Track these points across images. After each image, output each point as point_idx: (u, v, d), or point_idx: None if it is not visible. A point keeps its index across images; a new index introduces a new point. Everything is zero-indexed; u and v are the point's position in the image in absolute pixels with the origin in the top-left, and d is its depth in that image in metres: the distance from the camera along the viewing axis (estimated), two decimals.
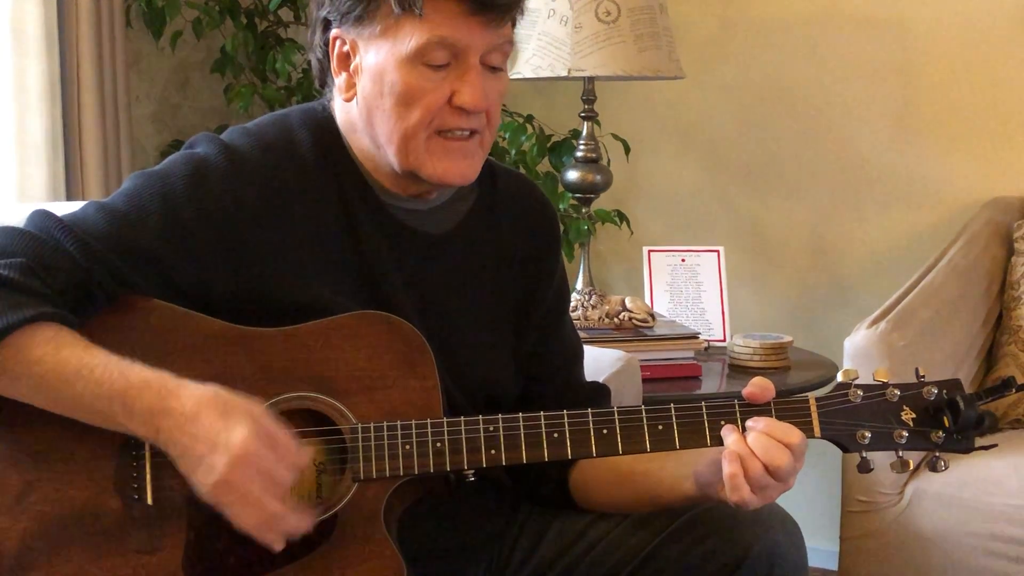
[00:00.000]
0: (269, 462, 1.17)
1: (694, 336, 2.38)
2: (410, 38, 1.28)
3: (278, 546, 1.19)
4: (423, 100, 1.29)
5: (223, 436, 1.16)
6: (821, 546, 2.58)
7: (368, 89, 1.32)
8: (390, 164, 1.34)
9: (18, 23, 2.29)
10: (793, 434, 1.23)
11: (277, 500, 1.17)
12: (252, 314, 1.29)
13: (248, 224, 1.30)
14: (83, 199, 2.35)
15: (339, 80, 1.36)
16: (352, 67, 1.34)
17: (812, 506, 2.63)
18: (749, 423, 1.25)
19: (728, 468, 1.22)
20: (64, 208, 1.33)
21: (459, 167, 1.33)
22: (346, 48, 1.34)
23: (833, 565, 2.39)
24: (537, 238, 1.50)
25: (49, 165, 2.35)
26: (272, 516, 1.17)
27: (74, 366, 1.19)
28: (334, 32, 1.34)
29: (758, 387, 1.27)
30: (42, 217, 1.29)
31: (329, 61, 1.37)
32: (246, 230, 1.30)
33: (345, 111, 1.38)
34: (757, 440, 1.22)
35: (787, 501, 1.39)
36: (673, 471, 1.34)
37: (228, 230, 1.30)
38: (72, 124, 2.40)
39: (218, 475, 1.16)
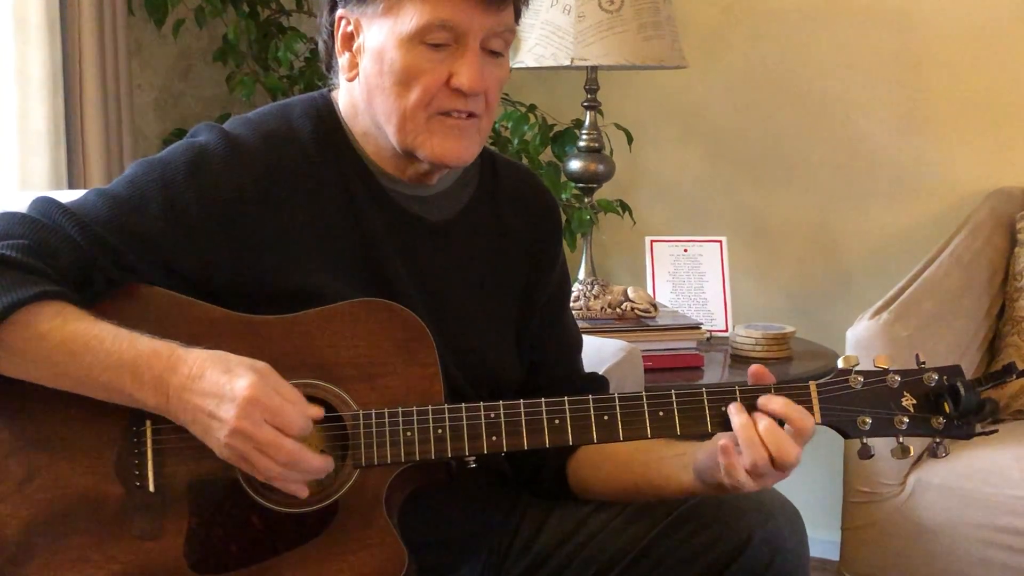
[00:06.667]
0: (276, 404, 1.17)
1: (696, 326, 2.38)
2: (411, 17, 1.28)
3: (303, 492, 1.20)
4: (421, 80, 1.29)
5: (228, 387, 1.17)
6: (822, 536, 2.58)
7: (369, 68, 1.33)
8: (390, 145, 1.35)
9: (20, 11, 2.29)
10: (807, 418, 1.23)
11: (291, 441, 1.17)
12: (253, 301, 1.30)
13: (249, 211, 1.30)
14: (85, 187, 2.35)
15: (342, 60, 1.36)
16: (355, 47, 1.35)
17: (814, 496, 2.63)
18: (762, 400, 1.24)
19: (723, 460, 1.22)
20: (66, 196, 1.33)
21: (456, 147, 1.33)
22: (350, 28, 1.35)
23: (834, 555, 2.39)
24: (538, 227, 1.50)
25: (51, 153, 2.35)
26: (290, 456, 1.17)
27: (82, 339, 1.20)
28: (339, 12, 1.35)
29: (760, 367, 1.28)
30: (44, 203, 1.29)
31: (334, 42, 1.37)
32: (247, 217, 1.30)
33: (348, 93, 1.38)
34: (768, 431, 1.22)
35: (789, 490, 1.40)
36: (672, 462, 1.34)
37: (229, 217, 1.30)
38: (74, 112, 2.40)
39: (229, 425, 1.16)
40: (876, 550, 2.26)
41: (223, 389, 1.17)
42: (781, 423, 1.23)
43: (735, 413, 1.24)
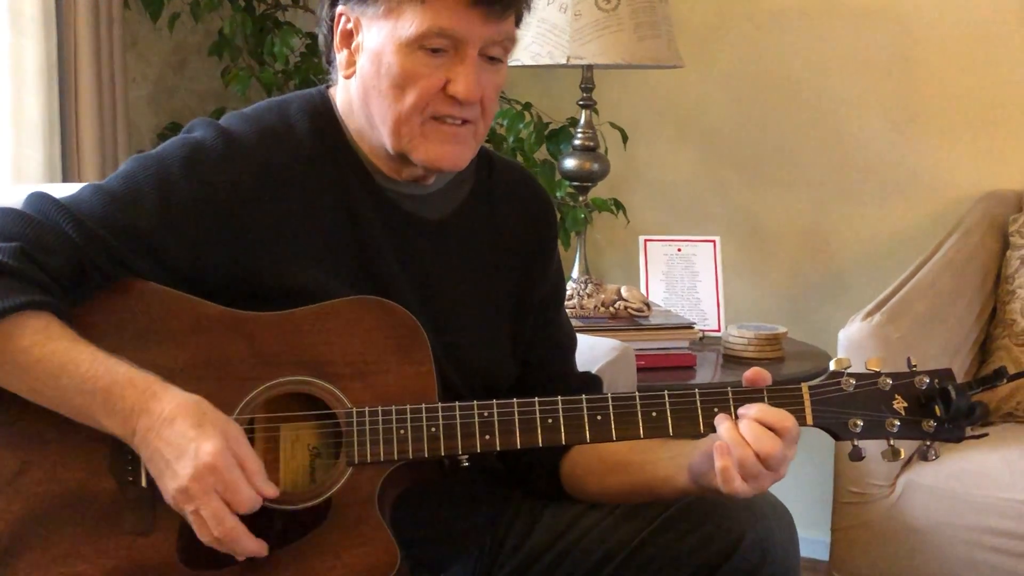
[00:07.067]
0: (232, 479, 1.16)
1: (689, 326, 2.39)
2: (410, 23, 1.28)
3: (240, 556, 1.19)
4: (417, 85, 1.29)
5: (192, 445, 1.16)
6: (813, 536, 2.59)
7: (366, 69, 1.32)
8: (383, 145, 1.34)
9: (16, 4, 2.29)
10: (786, 419, 1.23)
11: (233, 519, 1.17)
12: (248, 297, 1.29)
13: (244, 208, 1.30)
14: (79, 181, 2.35)
15: (340, 56, 1.36)
16: (354, 45, 1.34)
17: (804, 496, 2.63)
18: (741, 410, 1.24)
19: (720, 462, 1.22)
20: (61, 190, 1.33)
21: (450, 153, 1.33)
22: (350, 25, 1.34)
23: (824, 555, 2.40)
24: (534, 226, 1.50)
25: (46, 147, 2.34)
26: (227, 534, 1.17)
27: (60, 359, 1.19)
28: (340, 8, 1.35)
29: (756, 371, 1.28)
30: (40, 199, 1.29)
31: (333, 36, 1.37)
32: (242, 214, 1.30)
33: (345, 90, 1.38)
34: (749, 428, 1.22)
35: (780, 491, 1.40)
36: (667, 464, 1.33)
37: (224, 214, 1.30)
38: (69, 106, 2.40)
39: (180, 482, 1.16)
40: (866, 551, 2.26)
41: (187, 445, 1.16)
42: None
43: (720, 422, 1.24)
